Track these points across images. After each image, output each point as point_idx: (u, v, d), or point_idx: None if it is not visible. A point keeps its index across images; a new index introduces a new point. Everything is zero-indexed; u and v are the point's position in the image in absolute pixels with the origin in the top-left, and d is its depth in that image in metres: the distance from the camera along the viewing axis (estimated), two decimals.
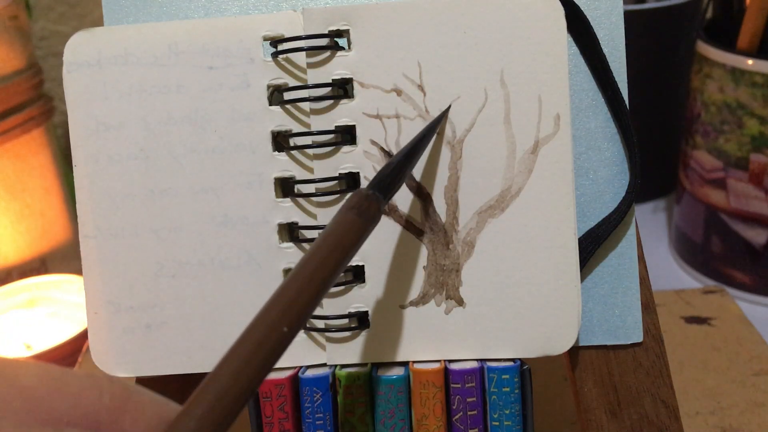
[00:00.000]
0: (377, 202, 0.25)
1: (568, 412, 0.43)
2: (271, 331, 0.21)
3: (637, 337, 0.31)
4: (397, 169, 0.26)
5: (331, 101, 0.30)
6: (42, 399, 0.19)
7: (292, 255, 0.30)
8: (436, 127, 0.29)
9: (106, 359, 0.31)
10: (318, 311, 0.30)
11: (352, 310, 0.30)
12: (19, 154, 0.60)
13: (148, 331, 0.31)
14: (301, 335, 0.31)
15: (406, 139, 0.30)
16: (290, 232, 0.31)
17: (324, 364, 0.30)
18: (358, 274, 0.30)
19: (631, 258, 0.31)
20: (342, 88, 0.31)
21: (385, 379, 0.29)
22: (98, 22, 0.76)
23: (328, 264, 0.23)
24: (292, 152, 0.30)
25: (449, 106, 0.29)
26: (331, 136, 0.30)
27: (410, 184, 0.30)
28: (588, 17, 0.30)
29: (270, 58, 0.30)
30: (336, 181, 0.30)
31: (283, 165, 0.30)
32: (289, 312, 0.21)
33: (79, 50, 0.31)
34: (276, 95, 0.31)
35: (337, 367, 0.30)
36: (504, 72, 0.29)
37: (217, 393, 0.20)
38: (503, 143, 0.30)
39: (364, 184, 0.30)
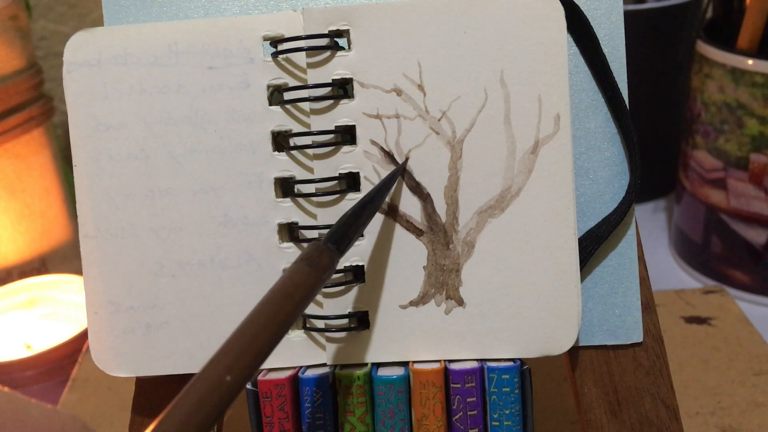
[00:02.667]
0: (330, 253, 0.25)
1: (568, 412, 0.43)
2: (216, 383, 0.21)
3: (637, 337, 0.31)
4: (351, 219, 0.27)
5: (331, 101, 0.30)
6: (4, 426, 0.18)
7: (292, 255, 0.30)
8: (393, 179, 0.29)
9: (106, 359, 0.31)
10: (318, 311, 0.30)
11: (352, 310, 0.30)
12: (19, 154, 0.60)
13: (148, 331, 0.31)
14: (301, 335, 0.31)
15: (406, 139, 0.30)
16: (290, 232, 0.31)
17: (324, 364, 0.30)
18: (358, 274, 0.30)
19: (631, 258, 0.31)
20: (342, 88, 0.31)
21: (385, 379, 0.29)
22: (98, 22, 0.76)
23: (279, 316, 0.23)
24: (292, 152, 0.30)
25: (406, 159, 0.30)
26: (331, 136, 0.30)
27: (410, 184, 0.30)
28: (588, 17, 0.30)
29: (270, 58, 0.30)
30: (336, 181, 0.30)
31: (283, 165, 0.30)
32: (236, 364, 0.21)
33: (79, 50, 0.31)
34: (276, 95, 0.31)
35: (337, 367, 0.30)
36: (504, 72, 0.29)
37: None
38: (503, 143, 0.30)
39: (364, 183, 0.30)
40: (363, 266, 0.30)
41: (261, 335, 0.22)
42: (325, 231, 0.30)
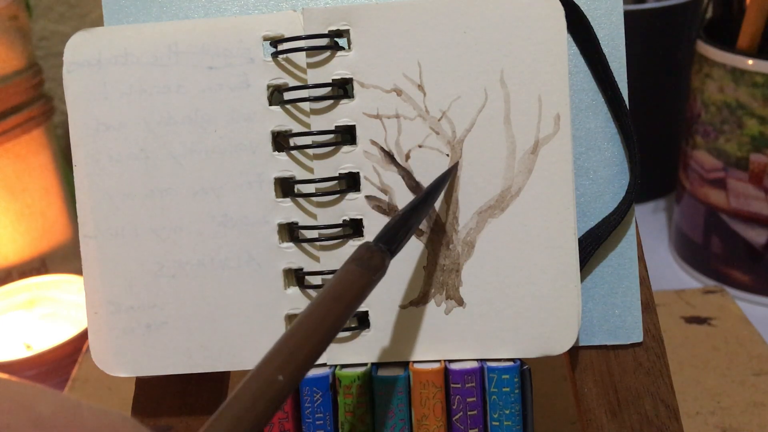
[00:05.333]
0: (381, 254, 0.25)
1: (568, 412, 0.43)
2: (268, 384, 0.21)
3: (637, 337, 0.31)
4: (403, 220, 0.27)
5: (331, 101, 0.30)
6: (56, 430, 0.18)
7: (292, 255, 0.30)
8: (446, 179, 0.29)
9: (106, 359, 0.31)
10: None
11: None
12: (19, 154, 0.60)
13: (148, 331, 0.31)
14: None
15: (406, 139, 0.30)
16: (290, 232, 0.31)
17: (324, 364, 0.30)
18: None
19: (631, 258, 0.31)
20: (342, 88, 0.31)
21: (385, 379, 0.29)
22: (98, 22, 0.76)
23: (330, 317, 0.23)
24: (292, 152, 0.30)
25: (457, 163, 0.30)
26: (331, 136, 0.30)
27: (410, 184, 0.30)
28: (588, 17, 0.30)
29: (270, 58, 0.30)
30: (336, 181, 0.30)
31: (283, 165, 0.30)
32: (288, 364, 0.21)
33: (79, 50, 0.31)
34: (276, 95, 0.31)
35: (337, 367, 0.30)
36: (504, 72, 0.29)
37: None
38: (503, 143, 0.30)
39: (363, 184, 0.30)
40: None
41: (312, 336, 0.22)
42: (326, 231, 0.30)
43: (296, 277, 0.31)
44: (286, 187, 0.31)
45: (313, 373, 0.30)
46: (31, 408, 0.18)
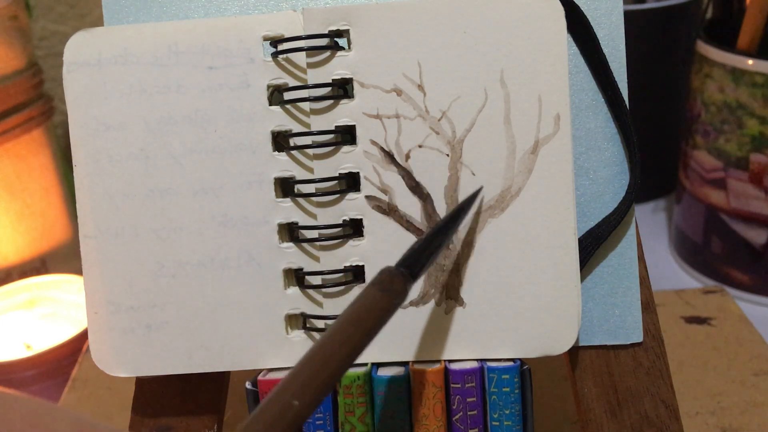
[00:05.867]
0: (403, 279, 0.25)
1: (568, 412, 0.43)
2: (284, 409, 0.21)
3: (637, 337, 0.31)
4: (424, 245, 0.26)
5: (331, 101, 0.30)
6: None
7: (292, 255, 0.30)
8: (470, 204, 0.29)
9: (106, 359, 0.31)
10: (318, 311, 0.30)
11: None
12: (19, 154, 0.60)
13: (148, 331, 0.31)
14: (301, 335, 0.31)
15: (406, 139, 0.30)
16: (290, 232, 0.31)
17: None
18: (358, 274, 0.30)
19: (631, 258, 0.31)
20: (342, 88, 0.31)
21: (385, 379, 0.29)
22: (98, 22, 0.76)
23: (350, 343, 0.22)
24: (292, 152, 0.30)
25: (482, 187, 0.29)
26: (331, 136, 0.30)
27: (410, 184, 0.30)
28: (588, 17, 0.30)
29: (270, 58, 0.30)
30: (336, 181, 0.30)
31: (283, 165, 0.30)
32: (305, 390, 0.21)
33: (79, 50, 0.31)
34: (276, 95, 0.31)
35: None
36: (504, 72, 0.29)
37: None
38: (503, 143, 0.30)
39: (363, 184, 0.30)
40: (363, 266, 0.30)
41: (331, 361, 0.22)
42: (326, 230, 0.30)
43: (296, 277, 0.31)
44: (286, 187, 0.31)
45: None
46: (47, 428, 0.18)
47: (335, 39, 0.30)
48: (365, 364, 0.30)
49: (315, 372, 0.21)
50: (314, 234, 0.30)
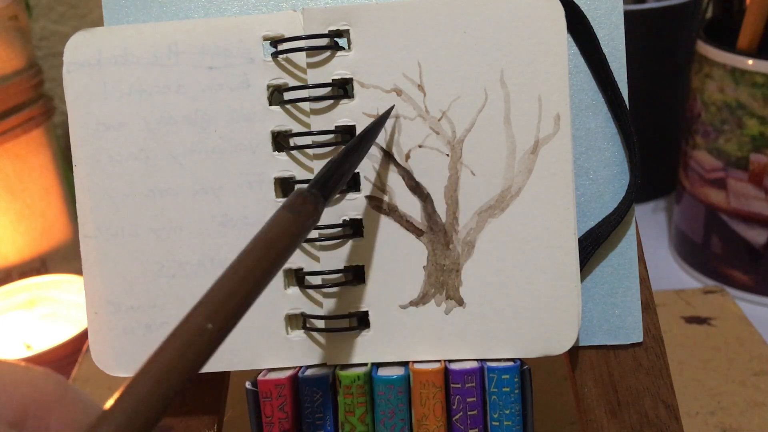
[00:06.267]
0: (314, 199, 0.24)
1: (568, 412, 0.43)
2: (198, 332, 0.20)
3: (637, 337, 0.31)
4: (335, 166, 0.26)
5: (331, 101, 0.30)
6: None
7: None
8: (380, 124, 0.29)
9: (106, 359, 0.31)
10: (318, 311, 0.30)
11: (352, 310, 0.30)
12: (19, 154, 0.60)
13: (148, 331, 0.31)
14: (301, 335, 0.31)
15: (406, 139, 0.30)
16: None
17: (324, 364, 0.30)
18: (358, 274, 0.30)
19: (631, 258, 0.31)
20: (342, 88, 0.31)
21: (385, 379, 0.29)
22: (98, 22, 0.76)
23: (262, 264, 0.22)
24: (292, 152, 0.30)
25: (392, 106, 0.29)
26: (331, 136, 0.30)
27: (410, 184, 0.30)
28: (588, 17, 0.30)
29: (270, 58, 0.30)
30: None
31: (283, 165, 0.30)
32: (218, 313, 0.21)
33: (79, 50, 0.31)
34: (276, 95, 0.31)
35: (337, 367, 0.30)
36: (504, 72, 0.29)
37: (139, 398, 0.19)
38: (503, 143, 0.30)
39: (364, 184, 0.30)
40: (363, 266, 0.30)
41: (243, 284, 0.22)
42: (326, 230, 0.30)
43: (296, 277, 0.31)
44: (286, 187, 0.31)
45: (313, 373, 0.30)
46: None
47: (335, 39, 0.30)
48: (365, 364, 0.30)
49: (229, 294, 0.21)
50: (314, 234, 0.30)
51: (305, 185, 0.25)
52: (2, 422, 0.19)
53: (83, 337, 0.52)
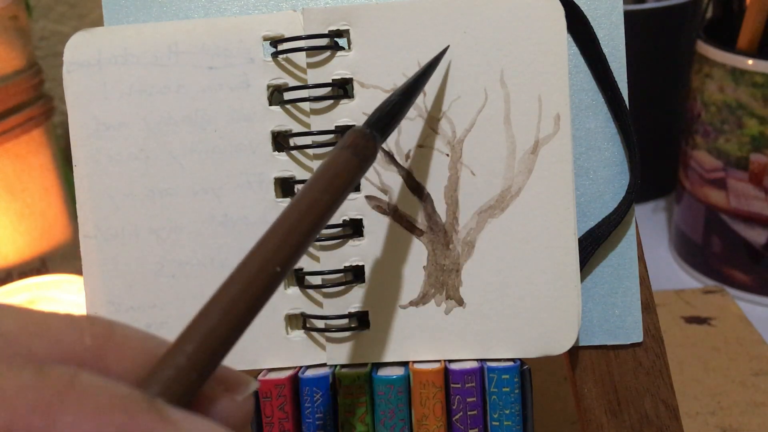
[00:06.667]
0: (373, 140, 0.24)
1: (568, 412, 0.43)
2: (262, 270, 0.20)
3: (637, 337, 0.31)
4: (396, 107, 0.26)
5: (331, 101, 0.30)
6: (22, 343, 0.18)
7: None
8: (434, 65, 0.29)
9: None
10: (318, 311, 0.30)
11: (352, 310, 0.30)
12: (19, 154, 0.60)
13: (148, 331, 0.31)
14: (301, 335, 0.31)
15: (406, 139, 0.30)
16: None
17: (324, 364, 0.30)
18: (358, 274, 0.30)
19: (631, 258, 0.31)
20: (342, 88, 0.31)
21: (385, 379, 0.29)
22: (98, 22, 0.76)
23: (321, 203, 0.22)
24: (292, 152, 0.30)
25: (447, 47, 0.29)
26: (331, 136, 0.30)
27: (410, 183, 0.30)
28: (588, 17, 0.30)
29: (270, 58, 0.30)
30: None
31: (283, 165, 0.30)
32: (281, 251, 0.21)
33: (79, 50, 0.31)
34: (276, 95, 0.31)
35: (337, 367, 0.30)
36: (504, 72, 0.29)
37: (208, 330, 0.19)
38: (503, 143, 0.30)
39: (364, 184, 0.30)
40: (363, 266, 0.30)
41: (304, 221, 0.22)
42: (326, 230, 0.30)
43: (296, 277, 0.31)
44: (286, 187, 0.31)
45: (313, 373, 0.30)
46: None
47: (335, 39, 0.30)
48: (365, 364, 0.30)
49: (290, 232, 0.21)
50: None
51: (361, 126, 0.25)
52: None
53: None
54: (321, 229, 0.22)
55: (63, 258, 0.64)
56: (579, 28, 0.30)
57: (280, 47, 0.30)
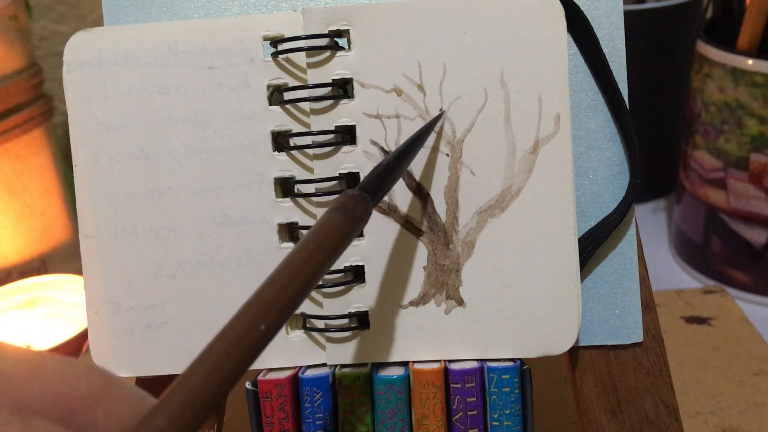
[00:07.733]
0: (364, 202, 0.24)
1: (568, 412, 0.43)
2: (249, 330, 0.21)
3: (637, 337, 0.31)
4: (387, 170, 0.26)
5: (331, 101, 0.30)
6: (16, 386, 0.18)
7: None
8: (429, 129, 0.29)
9: (106, 359, 0.31)
10: (318, 311, 0.30)
11: (352, 310, 0.30)
12: (19, 154, 0.60)
13: (148, 331, 0.31)
14: (301, 335, 0.31)
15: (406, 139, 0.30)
16: (290, 232, 0.31)
17: (324, 364, 0.30)
18: (358, 274, 0.30)
19: (631, 258, 0.31)
20: (342, 88, 0.31)
21: (385, 379, 0.29)
22: (98, 22, 0.76)
23: (311, 265, 0.22)
24: (292, 152, 0.30)
25: (443, 111, 0.30)
26: (331, 136, 0.30)
27: (410, 183, 0.30)
28: (588, 17, 0.30)
29: (270, 58, 0.30)
30: (336, 181, 0.30)
31: (283, 165, 0.30)
32: (269, 312, 0.21)
33: (79, 50, 0.31)
34: (276, 95, 0.31)
35: (337, 367, 0.30)
36: (504, 72, 0.29)
37: (190, 391, 0.19)
38: (503, 143, 0.30)
39: None
40: (363, 266, 0.30)
41: (293, 284, 0.22)
42: None
43: None
44: (286, 187, 0.31)
45: (313, 373, 0.30)
46: None
47: (335, 39, 0.30)
48: (365, 364, 0.30)
49: (276, 295, 0.21)
50: None
51: (353, 190, 0.25)
52: (50, 418, 0.18)
53: (83, 337, 0.52)
54: (310, 291, 0.23)
55: (63, 258, 0.64)
56: (579, 28, 0.30)
57: (280, 47, 0.30)
